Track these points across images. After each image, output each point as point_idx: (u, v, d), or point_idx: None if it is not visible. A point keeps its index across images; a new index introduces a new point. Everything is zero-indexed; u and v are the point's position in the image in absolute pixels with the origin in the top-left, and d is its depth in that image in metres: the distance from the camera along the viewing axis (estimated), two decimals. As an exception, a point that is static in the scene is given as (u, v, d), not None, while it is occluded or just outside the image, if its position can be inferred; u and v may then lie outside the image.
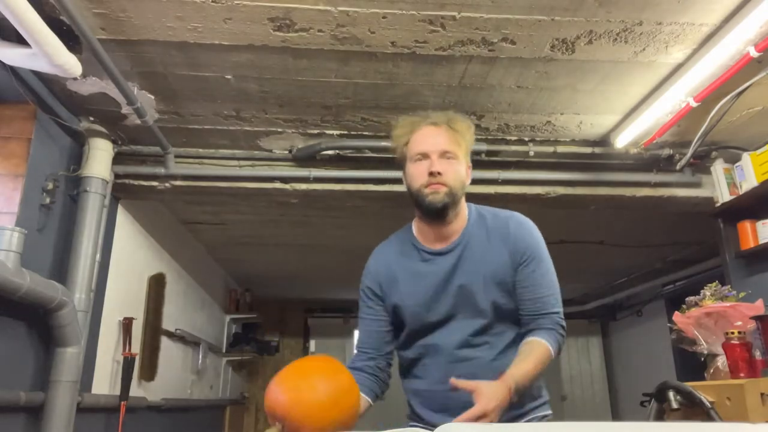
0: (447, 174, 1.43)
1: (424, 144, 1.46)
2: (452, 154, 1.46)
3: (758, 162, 3.03)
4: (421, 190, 1.44)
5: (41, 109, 2.50)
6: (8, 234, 2.16)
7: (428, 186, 1.43)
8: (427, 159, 1.45)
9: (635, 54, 2.33)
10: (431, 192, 1.43)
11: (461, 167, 1.48)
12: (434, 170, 1.42)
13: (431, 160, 1.44)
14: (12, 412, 2.31)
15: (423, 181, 1.44)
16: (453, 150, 1.46)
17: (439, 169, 1.42)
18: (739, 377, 1.88)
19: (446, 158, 1.45)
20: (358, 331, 1.59)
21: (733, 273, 3.22)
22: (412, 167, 1.48)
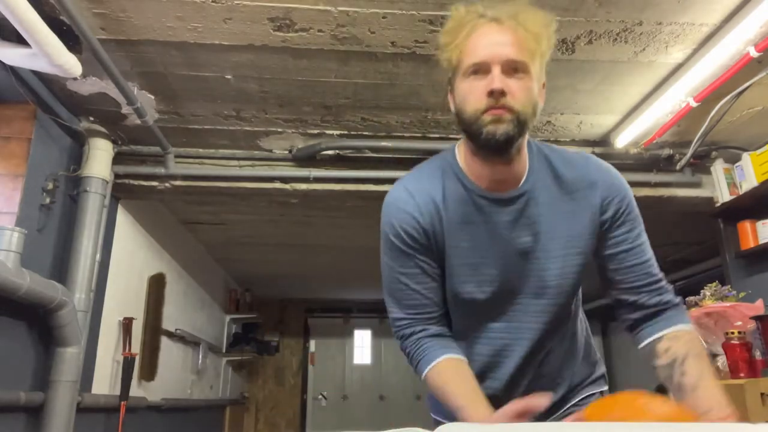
0: (514, 94, 1.01)
1: (481, 51, 1.02)
2: (522, 65, 1.02)
3: (758, 162, 3.03)
4: (477, 117, 1.02)
5: (41, 109, 2.50)
6: (8, 234, 2.16)
7: (487, 111, 1.01)
8: (485, 74, 1.02)
9: (635, 54, 2.33)
10: (492, 119, 1.01)
11: (533, 84, 1.04)
12: (496, 88, 0.99)
13: (492, 75, 1.01)
14: (12, 412, 2.31)
15: (480, 105, 1.01)
16: (524, 60, 1.02)
17: (503, 86, 1.00)
18: (739, 377, 1.88)
19: (513, 72, 1.02)
20: (391, 297, 1.15)
21: (733, 273, 3.22)
22: (464, 84, 1.04)
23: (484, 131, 1.02)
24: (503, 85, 1.00)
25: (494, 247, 1.10)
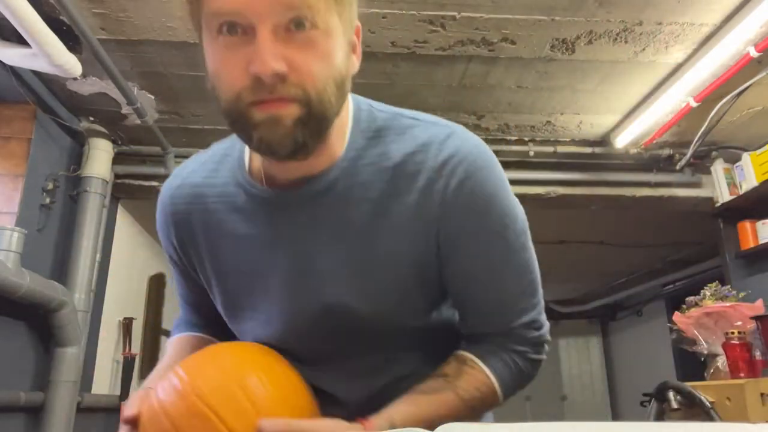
0: (300, 70, 0.60)
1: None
2: (309, 11, 0.60)
3: (758, 162, 3.03)
4: (239, 109, 0.62)
5: (41, 109, 2.50)
6: (8, 234, 2.16)
7: (256, 105, 0.61)
8: (249, 35, 0.60)
9: (635, 54, 2.33)
10: (264, 119, 0.61)
11: (334, 43, 0.63)
12: (263, 73, 0.59)
13: (257, 43, 0.59)
14: (12, 412, 2.31)
15: (242, 89, 0.61)
16: (310, 3, 0.60)
17: (278, 66, 0.59)
18: (739, 377, 1.88)
19: (296, 28, 0.60)
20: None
21: (733, 273, 3.22)
22: (212, 49, 0.66)
23: (254, 137, 0.63)
24: (277, 62, 0.59)
25: (274, 272, 0.73)
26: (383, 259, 0.71)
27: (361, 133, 0.72)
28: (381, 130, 0.73)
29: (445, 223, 0.70)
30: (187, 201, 0.78)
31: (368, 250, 0.70)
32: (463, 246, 0.71)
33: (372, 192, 0.70)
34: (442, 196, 0.69)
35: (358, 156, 0.71)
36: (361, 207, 0.70)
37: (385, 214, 0.70)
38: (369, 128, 0.73)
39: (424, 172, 0.69)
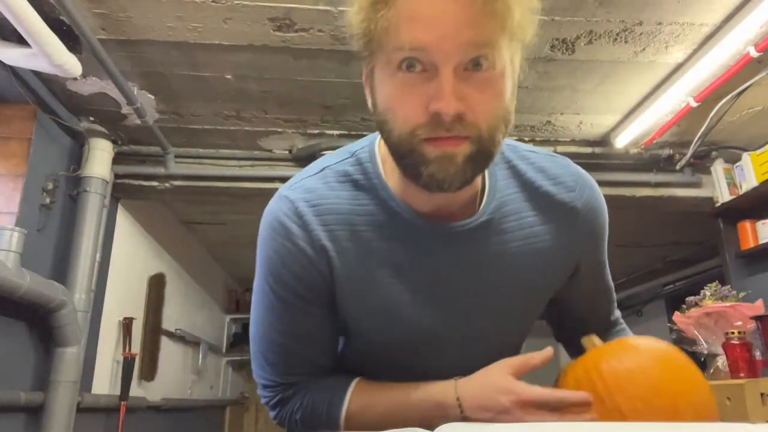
0: (476, 109, 0.61)
1: (421, 29, 0.59)
2: (489, 53, 0.60)
3: (758, 162, 3.03)
4: (412, 145, 0.63)
5: (41, 109, 2.50)
6: (8, 234, 2.16)
7: (431, 141, 0.62)
8: (426, 71, 0.61)
9: (635, 54, 2.33)
10: (438, 156, 0.62)
11: (506, 84, 0.64)
12: (447, 112, 0.59)
13: (440, 82, 0.59)
14: (12, 412, 2.31)
15: (418, 124, 0.62)
16: (491, 41, 0.60)
17: (459, 105, 0.60)
18: (739, 377, 1.88)
19: (475, 68, 0.60)
20: (262, 358, 0.81)
21: (733, 273, 3.22)
22: (390, 84, 0.63)
23: (424, 173, 0.63)
24: (459, 102, 0.59)
25: (430, 301, 0.74)
26: (533, 287, 0.78)
27: (494, 165, 0.76)
28: (509, 161, 0.78)
29: (584, 252, 0.81)
30: (337, 225, 0.72)
31: (522, 278, 0.76)
32: (593, 268, 0.84)
33: (523, 220, 0.75)
34: (587, 229, 0.79)
35: (504, 186, 0.76)
36: (516, 236, 0.75)
37: (537, 243, 0.76)
38: (499, 159, 0.77)
39: (569, 206, 0.77)
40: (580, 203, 0.77)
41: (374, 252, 0.72)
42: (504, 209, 0.74)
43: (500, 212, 0.74)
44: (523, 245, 0.75)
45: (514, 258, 0.74)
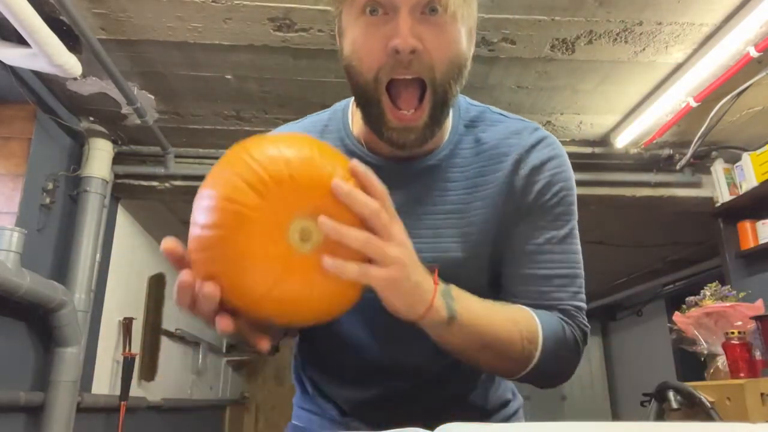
0: (432, 51, 0.68)
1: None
2: (443, 2, 0.68)
3: (758, 162, 3.03)
4: (378, 93, 0.71)
5: (41, 109, 2.50)
6: (8, 234, 2.16)
7: (394, 113, 0.71)
8: (390, 15, 0.68)
9: (635, 54, 2.33)
10: (398, 127, 0.72)
11: (460, 29, 0.71)
12: (404, 46, 0.66)
13: (398, 18, 0.67)
14: (12, 412, 2.31)
15: (379, 65, 0.69)
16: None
17: (414, 42, 0.67)
18: (739, 377, 1.88)
19: (431, 12, 0.68)
20: None
21: (733, 273, 3.22)
22: (357, 29, 0.71)
23: (385, 135, 0.72)
24: (414, 39, 0.67)
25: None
26: (476, 228, 0.77)
27: (460, 121, 0.81)
28: (475, 120, 0.82)
29: (527, 192, 0.78)
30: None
31: (464, 220, 0.77)
32: (539, 214, 0.78)
33: (468, 172, 0.79)
34: (531, 168, 0.78)
35: (459, 141, 0.80)
36: (458, 186, 0.78)
37: (478, 190, 0.78)
38: (466, 117, 0.82)
39: (515, 151, 0.79)
40: (531, 147, 0.79)
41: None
42: (453, 160, 0.79)
43: (449, 162, 0.79)
44: (463, 193, 0.78)
45: (456, 203, 0.78)
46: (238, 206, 0.53)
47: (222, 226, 0.54)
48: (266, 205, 0.53)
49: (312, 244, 0.54)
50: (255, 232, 0.53)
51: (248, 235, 0.53)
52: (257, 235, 0.53)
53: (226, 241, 0.54)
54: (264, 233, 0.53)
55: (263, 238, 0.53)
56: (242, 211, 0.53)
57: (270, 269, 0.54)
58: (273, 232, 0.53)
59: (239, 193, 0.54)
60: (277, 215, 0.54)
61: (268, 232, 0.53)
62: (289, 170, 0.54)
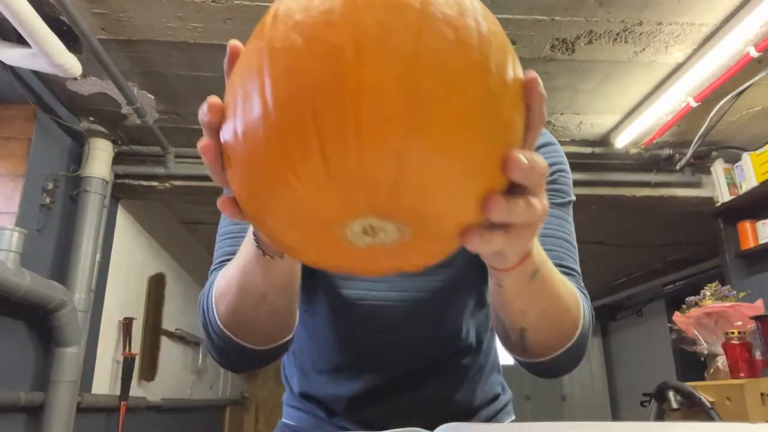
0: None
1: None
2: None
3: (758, 162, 3.03)
4: None
5: (41, 109, 2.50)
6: (8, 234, 2.16)
7: None
8: None
9: (635, 54, 2.33)
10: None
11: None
12: None
13: None
14: (12, 412, 2.31)
15: None
16: None
17: None
18: (739, 377, 1.88)
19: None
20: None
21: (733, 273, 3.22)
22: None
23: None
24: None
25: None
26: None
27: None
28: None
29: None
30: None
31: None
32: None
33: None
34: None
35: None
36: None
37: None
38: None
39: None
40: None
41: None
42: None
43: None
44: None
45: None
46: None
47: (267, 173, 0.36)
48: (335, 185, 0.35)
49: (372, 242, 0.39)
50: (305, 201, 0.37)
51: (297, 200, 0.37)
52: (307, 206, 0.37)
53: (268, 186, 0.37)
54: (317, 210, 0.37)
55: (315, 214, 0.37)
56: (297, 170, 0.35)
57: (307, 241, 0.40)
58: (331, 216, 0.37)
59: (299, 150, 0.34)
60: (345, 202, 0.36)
61: (324, 213, 0.37)
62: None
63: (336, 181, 0.35)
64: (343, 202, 0.36)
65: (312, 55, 0.34)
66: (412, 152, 0.33)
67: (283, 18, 0.36)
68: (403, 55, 0.33)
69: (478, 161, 0.36)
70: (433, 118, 0.33)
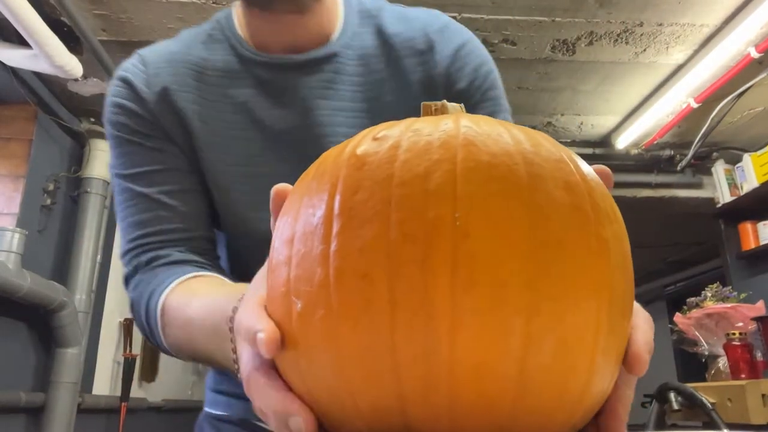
0: None
1: None
2: None
3: (759, 163, 3.03)
4: None
5: (42, 110, 2.50)
6: (9, 235, 2.16)
7: None
8: None
9: (636, 55, 2.33)
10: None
11: None
12: None
13: None
14: (13, 413, 2.31)
15: None
16: None
17: None
18: (740, 378, 1.88)
19: None
20: (121, 224, 0.69)
21: (734, 274, 3.22)
22: None
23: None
24: None
25: (283, 144, 0.68)
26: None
27: (355, 14, 0.73)
28: (371, 11, 0.74)
29: (456, 80, 0.71)
30: (176, 71, 0.70)
31: (376, 117, 0.68)
32: (478, 100, 0.71)
33: (374, 65, 0.71)
34: (452, 53, 0.71)
35: (356, 31, 0.72)
36: (366, 80, 0.70)
37: (388, 83, 0.70)
38: (359, 8, 0.74)
39: (426, 39, 0.71)
40: (435, 39, 0.72)
41: (219, 93, 0.69)
42: (353, 51, 0.71)
43: (349, 52, 0.71)
44: (372, 88, 0.70)
45: (362, 103, 0.70)
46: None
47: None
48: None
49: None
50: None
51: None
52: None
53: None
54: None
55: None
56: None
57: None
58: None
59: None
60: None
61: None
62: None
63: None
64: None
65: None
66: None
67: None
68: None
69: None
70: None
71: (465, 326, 0.27)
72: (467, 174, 0.29)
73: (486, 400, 0.28)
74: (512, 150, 0.30)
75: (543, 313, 0.27)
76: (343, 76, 0.70)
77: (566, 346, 0.28)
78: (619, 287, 0.31)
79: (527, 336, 0.27)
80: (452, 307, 0.27)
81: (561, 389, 0.29)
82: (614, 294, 0.30)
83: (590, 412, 0.32)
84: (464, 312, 0.27)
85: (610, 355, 0.31)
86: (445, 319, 0.27)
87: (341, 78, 0.70)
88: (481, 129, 0.31)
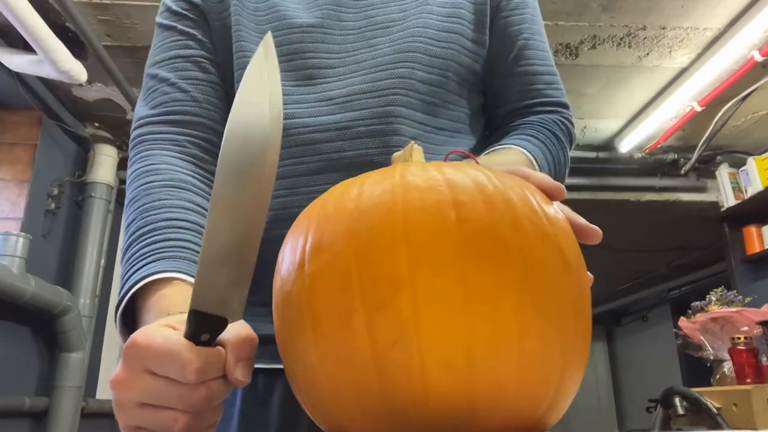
0: None
1: None
2: None
3: (763, 166, 3.02)
4: None
5: (47, 115, 2.51)
6: (13, 239, 2.17)
7: None
8: None
9: (639, 58, 2.33)
10: None
11: None
12: None
13: None
14: (16, 417, 2.32)
15: None
16: None
17: None
18: (746, 383, 1.87)
19: None
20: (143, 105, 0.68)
21: (739, 278, 3.20)
22: None
23: None
24: None
25: (340, 28, 0.67)
26: (443, 15, 0.68)
27: None
28: None
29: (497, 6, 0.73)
30: None
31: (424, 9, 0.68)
32: (515, 7, 0.73)
33: None
34: None
35: None
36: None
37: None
38: None
39: None
40: None
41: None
42: None
43: None
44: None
45: (397, 14, 0.68)
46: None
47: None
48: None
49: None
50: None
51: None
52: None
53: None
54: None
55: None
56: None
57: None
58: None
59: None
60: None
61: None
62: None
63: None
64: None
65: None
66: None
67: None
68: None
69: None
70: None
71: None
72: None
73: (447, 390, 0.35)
74: (446, 198, 0.38)
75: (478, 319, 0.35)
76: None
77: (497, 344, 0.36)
78: (538, 288, 0.38)
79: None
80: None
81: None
82: (533, 297, 0.37)
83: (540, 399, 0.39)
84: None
85: (536, 348, 0.37)
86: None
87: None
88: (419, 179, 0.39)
